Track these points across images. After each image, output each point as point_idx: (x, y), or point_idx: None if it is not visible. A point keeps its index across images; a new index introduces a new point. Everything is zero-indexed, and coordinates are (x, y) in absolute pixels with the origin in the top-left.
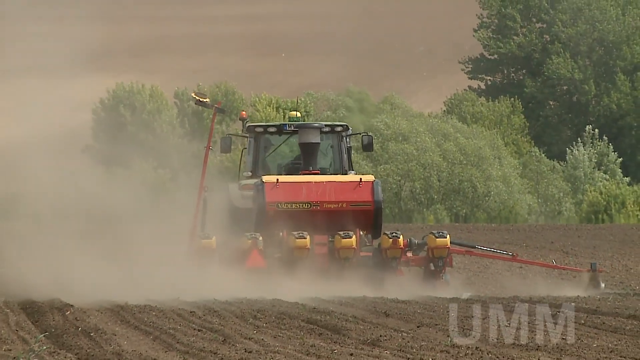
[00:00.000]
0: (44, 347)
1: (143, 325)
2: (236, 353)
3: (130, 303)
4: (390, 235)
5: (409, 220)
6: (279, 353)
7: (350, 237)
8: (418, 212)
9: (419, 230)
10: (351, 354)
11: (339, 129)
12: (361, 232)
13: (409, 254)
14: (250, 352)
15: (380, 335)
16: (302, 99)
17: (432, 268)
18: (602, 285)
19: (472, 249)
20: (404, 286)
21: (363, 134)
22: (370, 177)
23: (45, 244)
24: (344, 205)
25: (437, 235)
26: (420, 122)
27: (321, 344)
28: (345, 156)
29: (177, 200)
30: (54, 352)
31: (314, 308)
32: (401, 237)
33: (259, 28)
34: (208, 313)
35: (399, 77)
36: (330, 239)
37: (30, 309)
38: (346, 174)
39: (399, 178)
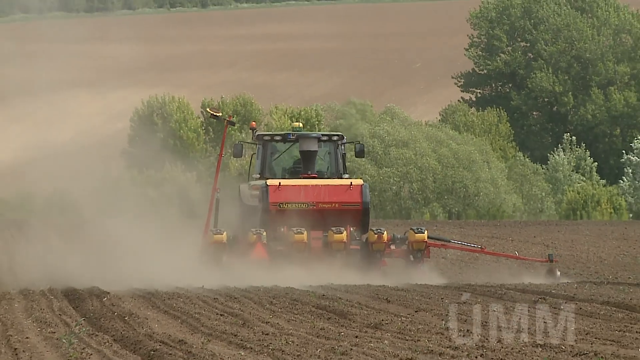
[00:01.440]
0: (84, 330)
1: (171, 310)
2: (254, 335)
3: (160, 290)
4: (375, 231)
5: (407, 216)
6: (292, 335)
7: (342, 233)
8: (416, 210)
9: (416, 225)
10: (356, 336)
11: (335, 138)
12: (351, 228)
13: (392, 247)
14: (267, 334)
15: (382, 320)
16: (315, 110)
17: (412, 259)
18: (558, 273)
19: (447, 243)
20: (388, 274)
21: (356, 142)
22: (359, 181)
23: (86, 237)
24: (336, 205)
25: (416, 231)
26: (417, 130)
27: (329, 327)
28: (340, 162)
29: (198, 199)
30: (93, 334)
31: (323, 295)
32: (385, 232)
33: (274, 47)
34: (229, 299)
35: (399, 90)
36: (324, 234)
37: (72, 295)
38: (341, 177)
39: (399, 179)
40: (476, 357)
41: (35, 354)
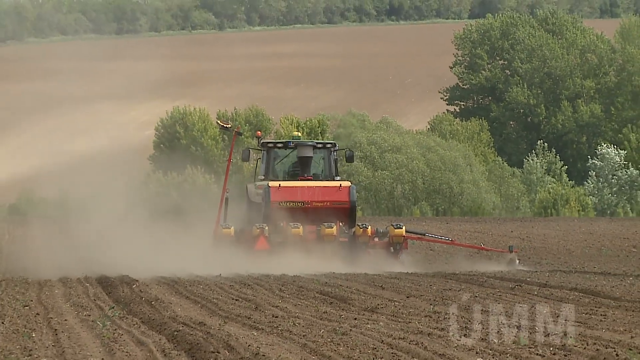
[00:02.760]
0: (115, 313)
1: (192, 296)
2: (265, 318)
3: (182, 278)
4: (361, 226)
5: (399, 214)
6: (298, 317)
7: (332, 227)
8: (407, 208)
9: (407, 221)
10: (355, 319)
11: (328, 145)
12: (340, 223)
13: (376, 240)
14: (276, 317)
15: (378, 304)
16: (319, 119)
17: (392, 250)
18: (517, 262)
19: (422, 236)
20: (371, 263)
21: (346, 149)
22: (348, 184)
23: (116, 233)
24: (328, 204)
25: (395, 226)
26: (409, 137)
27: (331, 310)
28: (332, 166)
29: (216, 198)
30: (123, 317)
31: (326, 283)
32: (369, 227)
33: (283, 64)
34: (243, 286)
35: (393, 102)
36: (317, 228)
37: (105, 283)
38: (333, 180)
39: (392, 181)
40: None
41: (72, 334)
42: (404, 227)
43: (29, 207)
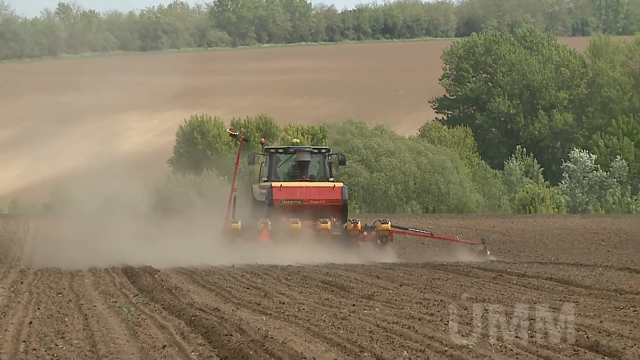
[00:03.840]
0: (139, 300)
1: (208, 284)
2: (273, 304)
3: (199, 268)
4: (352, 221)
5: (393, 211)
6: (303, 304)
7: (327, 223)
8: (400, 206)
9: (400, 218)
10: (353, 305)
11: (323, 150)
12: (334, 219)
13: (365, 233)
14: (283, 303)
15: (374, 292)
16: (321, 127)
17: (379, 242)
18: (488, 253)
19: (406, 230)
20: (361, 254)
21: (339, 154)
22: (340, 184)
23: (140, 228)
24: (323, 202)
25: (382, 221)
26: (401, 143)
27: (332, 297)
28: (327, 168)
29: (226, 198)
30: (146, 304)
31: (327, 272)
32: (359, 222)
33: (289, 77)
34: (253, 276)
35: (387, 112)
36: (314, 223)
37: (130, 273)
38: (328, 181)
39: (387, 181)
40: (446, 323)
41: (101, 319)
42: (389, 223)
43: (62, 205)
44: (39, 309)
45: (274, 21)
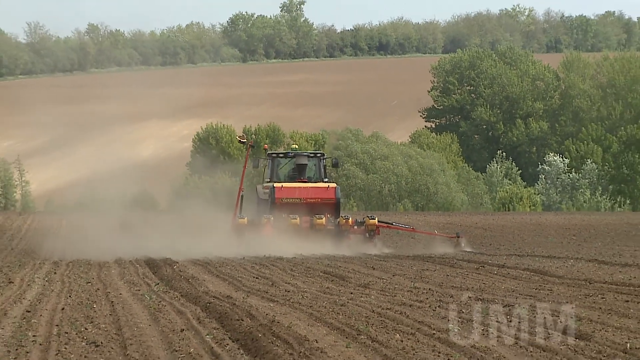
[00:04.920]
0: (160, 288)
1: (221, 275)
2: (279, 292)
3: (213, 260)
4: (344, 217)
5: (386, 209)
6: (306, 292)
7: (322, 218)
8: (392, 204)
9: (392, 215)
10: (351, 293)
11: (319, 155)
12: (328, 215)
13: (355, 228)
14: (288, 291)
15: (370, 281)
16: (322, 134)
17: (367, 236)
18: (462, 244)
19: (390, 225)
20: (351, 245)
21: (333, 158)
22: (334, 185)
23: (160, 224)
24: (318, 200)
25: (370, 217)
26: (394, 148)
27: (332, 286)
28: (322, 170)
29: (235, 197)
30: (166, 292)
31: (328, 264)
32: (350, 218)
33: (294, 90)
34: (262, 267)
35: (381, 120)
36: (310, 219)
37: (151, 264)
38: (322, 181)
39: (381, 182)
40: (434, 309)
41: (126, 305)
42: (376, 218)
43: (91, 203)
44: (70, 296)
45: (280, 39)
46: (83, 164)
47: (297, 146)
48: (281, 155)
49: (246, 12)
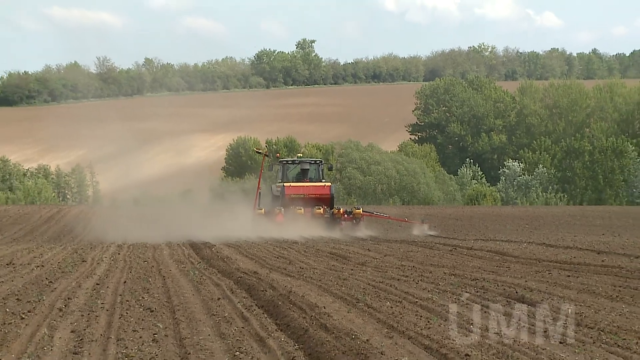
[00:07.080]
0: (201, 266)
1: (250, 255)
2: (295, 268)
3: (243, 243)
4: (337, 208)
5: (379, 203)
6: (316, 269)
7: (320, 209)
8: (384, 200)
9: (384, 208)
10: (352, 269)
11: (318, 161)
12: (325, 207)
13: (345, 216)
14: (302, 268)
15: (366, 260)
16: (330, 145)
17: (354, 222)
18: (425, 228)
19: (372, 214)
20: (342, 230)
21: (329, 163)
22: (329, 184)
23: (200, 216)
24: (317, 196)
25: (356, 207)
26: (386, 156)
27: (337, 264)
28: (321, 173)
29: (263, 194)
30: (206, 269)
31: (333, 247)
32: (341, 209)
33: (307, 110)
34: (281, 249)
35: (375, 134)
36: (311, 210)
37: (194, 246)
38: (321, 182)
39: (375, 183)
40: (417, 282)
41: (174, 279)
42: (361, 209)
43: (147, 200)
44: (130, 272)
45: (295, 70)
46: (141, 168)
47: (301, 155)
48: (290, 162)
49: (269, 49)
